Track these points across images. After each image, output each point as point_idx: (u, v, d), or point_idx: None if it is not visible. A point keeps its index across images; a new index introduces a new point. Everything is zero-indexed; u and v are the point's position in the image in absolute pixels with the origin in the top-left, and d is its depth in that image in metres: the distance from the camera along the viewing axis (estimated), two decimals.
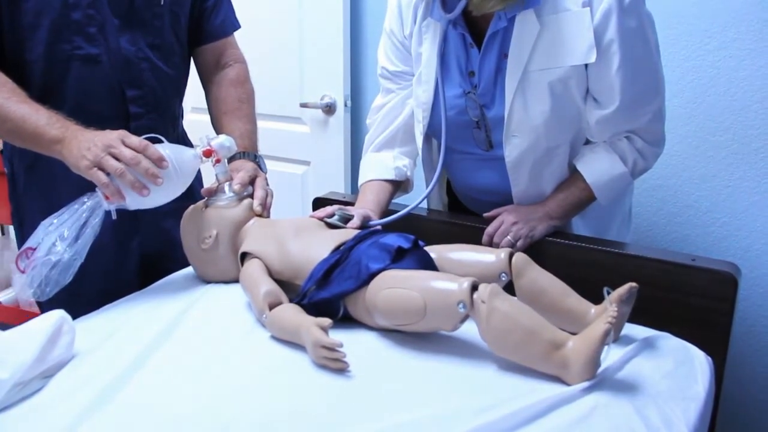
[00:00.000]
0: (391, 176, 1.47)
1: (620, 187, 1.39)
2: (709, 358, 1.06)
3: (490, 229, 1.35)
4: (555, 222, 1.36)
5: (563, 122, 1.32)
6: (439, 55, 1.35)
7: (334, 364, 0.97)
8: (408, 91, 1.48)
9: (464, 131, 1.40)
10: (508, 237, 1.32)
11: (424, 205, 1.55)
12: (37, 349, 0.94)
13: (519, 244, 1.32)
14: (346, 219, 1.25)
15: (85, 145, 1.13)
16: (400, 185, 1.52)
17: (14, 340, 0.96)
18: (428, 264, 1.11)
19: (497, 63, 1.31)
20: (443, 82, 1.37)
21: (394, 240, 1.10)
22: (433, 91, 1.38)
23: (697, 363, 1.03)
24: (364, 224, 1.28)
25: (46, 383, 0.96)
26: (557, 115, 1.29)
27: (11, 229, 2.85)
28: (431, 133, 1.45)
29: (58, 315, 1.00)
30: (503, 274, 1.07)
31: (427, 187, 1.61)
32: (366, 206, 1.40)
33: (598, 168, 1.35)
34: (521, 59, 1.26)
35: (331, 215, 1.25)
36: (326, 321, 0.99)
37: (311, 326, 0.99)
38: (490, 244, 1.34)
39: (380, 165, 1.49)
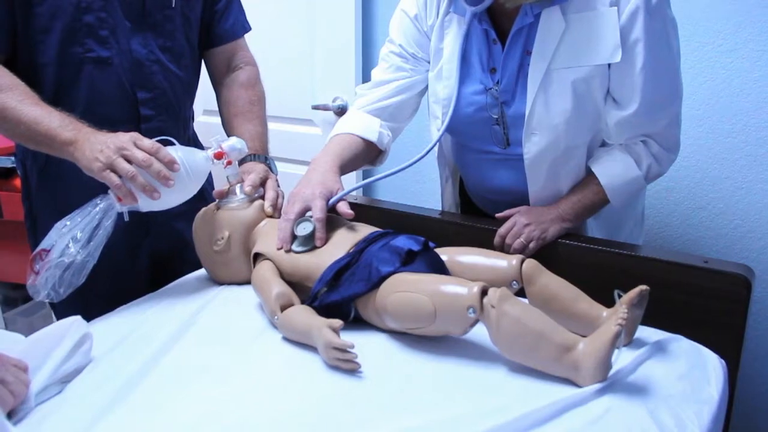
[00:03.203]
0: (373, 138, 1.42)
1: (634, 191, 1.38)
2: (723, 361, 1.05)
3: (502, 230, 1.34)
4: (567, 224, 1.35)
5: (583, 122, 1.31)
6: (461, 51, 1.35)
7: (345, 365, 0.97)
8: (418, 77, 1.46)
9: (482, 129, 1.39)
10: (521, 239, 1.32)
11: (438, 206, 1.55)
12: (58, 361, 0.94)
13: (531, 246, 1.31)
14: (310, 235, 1.19)
15: (97, 147, 1.14)
16: (373, 154, 1.47)
17: (35, 350, 0.96)
18: (439, 266, 1.11)
19: (520, 60, 1.31)
20: (464, 78, 1.37)
21: (404, 242, 1.10)
22: (454, 87, 1.36)
23: (711, 365, 1.03)
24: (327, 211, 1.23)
25: (64, 387, 0.96)
26: (578, 115, 1.29)
27: None
28: (448, 130, 1.44)
29: (79, 325, 1.00)
30: (514, 282, 1.07)
31: (442, 183, 1.62)
32: (327, 162, 1.34)
33: (613, 171, 1.34)
34: (545, 56, 1.26)
35: (293, 237, 1.20)
36: (337, 322, 1.00)
37: (323, 327, 0.99)
38: (502, 245, 1.33)
39: (364, 123, 1.43)
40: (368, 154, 1.46)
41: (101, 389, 0.94)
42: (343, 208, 1.24)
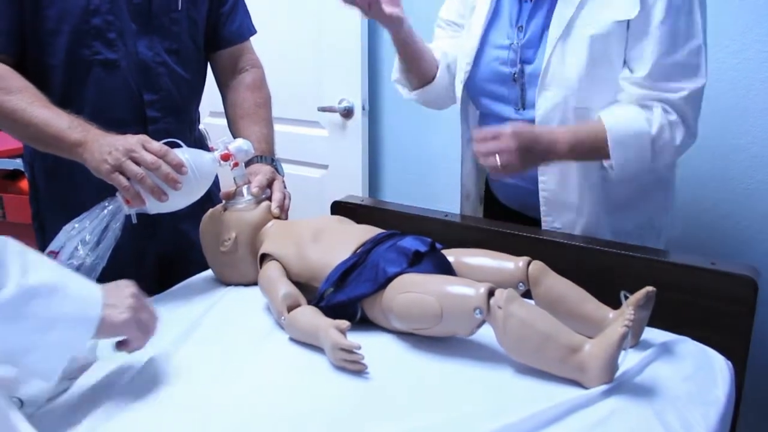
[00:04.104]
0: (437, 55, 1.55)
1: (637, 149, 1.29)
2: (729, 362, 1.05)
3: (485, 133, 1.27)
4: (555, 155, 1.30)
5: (596, 82, 1.32)
6: (492, 5, 1.42)
7: (352, 366, 0.97)
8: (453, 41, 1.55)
9: (500, 87, 1.42)
10: (495, 158, 1.25)
11: (444, 208, 1.56)
12: None
13: (500, 172, 1.27)
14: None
15: (106, 149, 1.14)
16: (431, 72, 1.55)
17: None
18: (445, 268, 1.11)
19: (546, 18, 1.34)
20: (491, 32, 1.43)
21: (411, 243, 1.11)
22: (478, 40, 1.43)
23: (717, 367, 1.02)
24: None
25: (71, 384, 0.97)
26: (592, 73, 1.30)
27: None
28: (469, 86, 1.48)
29: None
30: (521, 284, 1.07)
31: (462, 136, 1.62)
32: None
33: (620, 116, 1.30)
34: (567, 11, 1.30)
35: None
36: (344, 323, 1.00)
37: (329, 328, 1.00)
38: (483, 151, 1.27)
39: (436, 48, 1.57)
40: (430, 65, 1.55)
41: (108, 389, 0.95)
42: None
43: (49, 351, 0.83)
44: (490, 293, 0.95)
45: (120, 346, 0.95)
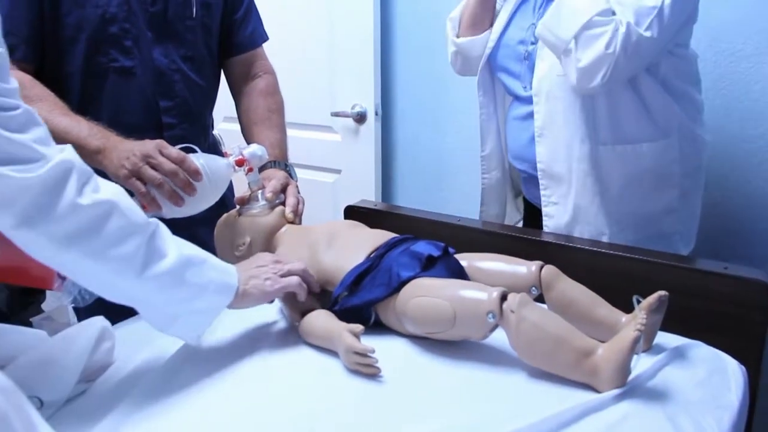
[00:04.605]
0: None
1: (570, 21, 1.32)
2: (743, 367, 1.04)
3: None
4: None
5: None
6: None
7: (366, 369, 0.98)
8: None
9: (515, 64, 1.56)
10: None
11: (457, 213, 1.57)
12: (85, 357, 0.97)
13: None
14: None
15: (124, 155, 1.16)
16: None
17: (61, 347, 0.98)
18: (458, 272, 1.11)
19: None
20: (519, 13, 1.56)
21: (424, 248, 1.11)
22: (506, 19, 1.54)
23: (731, 372, 1.02)
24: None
25: (89, 387, 0.99)
26: None
27: None
28: (491, 57, 1.62)
29: (100, 323, 1.03)
30: (533, 288, 1.07)
31: (481, 110, 1.74)
32: None
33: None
34: None
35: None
36: (358, 327, 1.01)
37: (343, 332, 1.01)
38: None
39: None
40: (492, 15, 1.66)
41: (125, 391, 0.96)
42: None
43: (198, 315, 0.99)
44: (503, 297, 0.96)
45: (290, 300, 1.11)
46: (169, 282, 0.94)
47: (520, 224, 1.81)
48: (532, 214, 1.68)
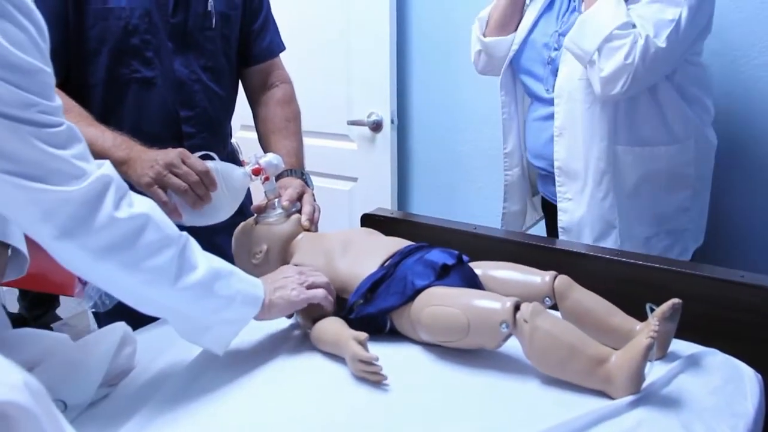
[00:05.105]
0: None
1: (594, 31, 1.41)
2: (759, 375, 1.04)
3: None
4: None
5: None
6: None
7: (371, 377, 0.99)
8: None
9: (539, 67, 1.63)
10: None
11: (472, 221, 1.59)
12: (107, 361, 0.99)
13: None
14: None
15: (147, 164, 1.19)
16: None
17: (82, 353, 1.01)
18: (472, 280, 1.12)
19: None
20: (543, 19, 1.63)
21: (438, 256, 1.12)
22: (531, 23, 1.61)
23: (746, 379, 1.02)
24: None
25: (111, 391, 1.01)
26: None
27: None
28: (515, 60, 1.69)
29: (122, 329, 1.05)
30: (547, 299, 1.08)
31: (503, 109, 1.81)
32: None
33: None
34: None
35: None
36: (363, 335, 1.02)
37: (349, 340, 1.02)
38: None
39: None
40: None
41: (147, 395, 0.98)
42: None
43: (227, 326, 1.01)
44: (517, 307, 0.96)
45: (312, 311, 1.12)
46: (200, 293, 0.96)
47: (541, 223, 1.92)
48: (551, 213, 1.74)
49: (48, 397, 0.57)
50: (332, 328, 1.09)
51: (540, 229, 1.92)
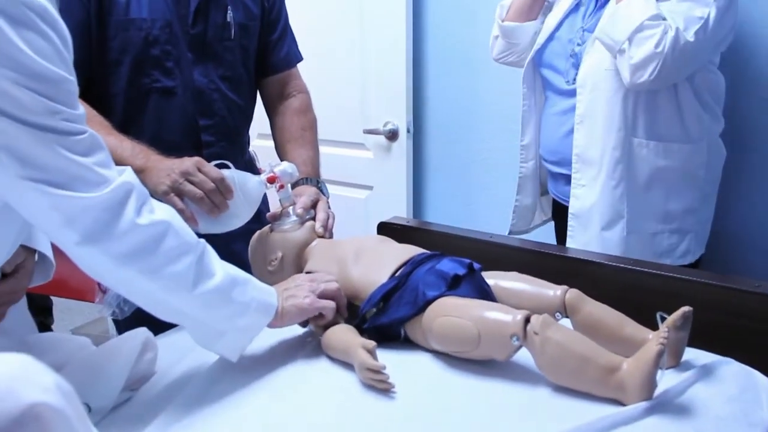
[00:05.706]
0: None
1: (625, 28, 1.47)
2: None
3: None
4: None
5: None
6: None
7: (379, 384, 0.99)
8: None
9: (561, 61, 1.69)
10: None
11: (500, 231, 1.61)
12: (129, 365, 1.01)
13: None
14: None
15: (164, 172, 1.21)
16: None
17: (105, 357, 1.03)
18: (484, 290, 1.12)
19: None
20: (570, 17, 1.69)
21: (450, 267, 1.12)
22: (557, 22, 1.67)
23: (762, 389, 1.01)
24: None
25: (134, 395, 1.03)
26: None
27: None
28: (538, 54, 1.75)
29: (143, 334, 1.07)
30: (558, 314, 1.07)
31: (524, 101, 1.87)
32: None
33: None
34: None
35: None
36: (371, 343, 1.03)
37: (357, 348, 1.03)
38: None
39: None
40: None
41: (168, 399, 1.00)
42: None
43: (241, 333, 1.03)
44: (527, 320, 0.97)
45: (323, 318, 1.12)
46: (218, 299, 0.98)
47: (546, 226, 1.98)
48: (561, 216, 1.77)
49: (78, 399, 0.58)
50: (342, 335, 1.10)
51: (546, 231, 1.94)
